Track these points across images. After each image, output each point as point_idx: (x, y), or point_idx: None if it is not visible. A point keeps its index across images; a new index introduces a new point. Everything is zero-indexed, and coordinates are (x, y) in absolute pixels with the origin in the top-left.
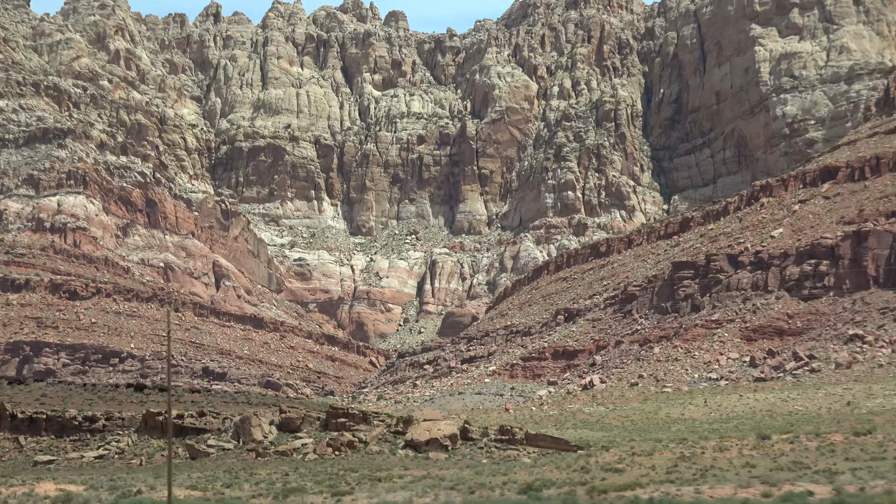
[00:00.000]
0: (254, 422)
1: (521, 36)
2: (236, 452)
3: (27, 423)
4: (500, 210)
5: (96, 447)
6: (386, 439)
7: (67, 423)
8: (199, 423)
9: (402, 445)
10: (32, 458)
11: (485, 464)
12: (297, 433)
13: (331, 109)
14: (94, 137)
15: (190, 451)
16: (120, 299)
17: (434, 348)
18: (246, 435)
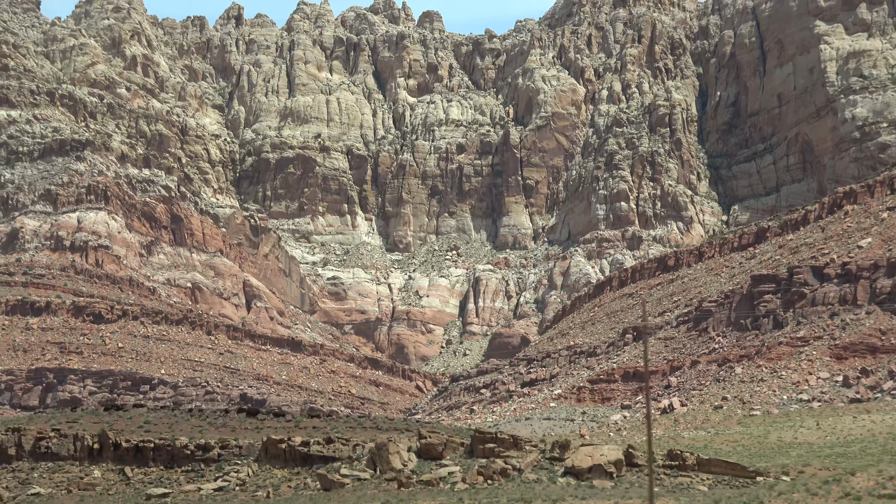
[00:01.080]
0: (391, 448)
1: (566, 36)
2: (375, 483)
3: (133, 453)
4: (546, 223)
5: (213, 478)
6: (542, 466)
7: (178, 452)
8: (328, 451)
9: (562, 473)
10: (143, 491)
11: (657, 493)
12: (440, 460)
13: (363, 117)
14: (115, 149)
15: (322, 482)
16: (148, 322)
17: (490, 371)
18: (383, 463)
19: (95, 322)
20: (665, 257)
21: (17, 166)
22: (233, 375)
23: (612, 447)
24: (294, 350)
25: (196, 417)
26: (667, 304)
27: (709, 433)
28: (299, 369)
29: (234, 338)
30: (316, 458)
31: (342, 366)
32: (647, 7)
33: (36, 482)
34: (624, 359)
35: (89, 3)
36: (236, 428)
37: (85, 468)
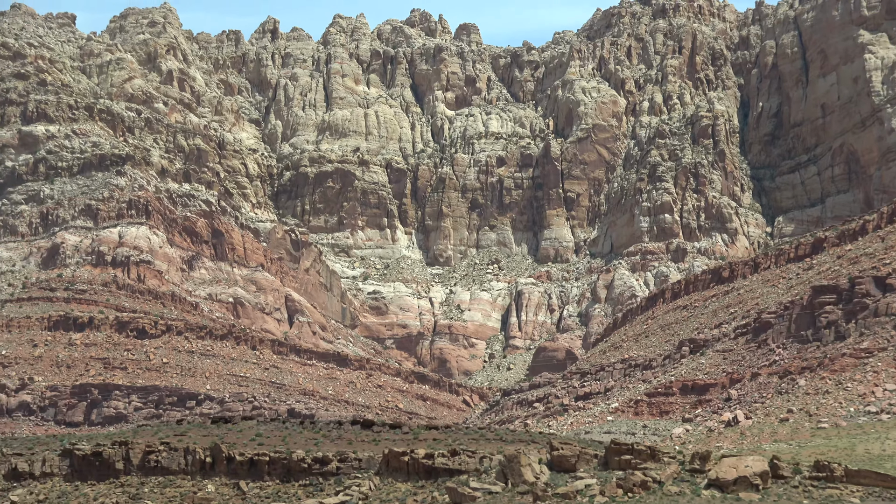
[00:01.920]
0: (523, 461)
1: (605, 48)
2: (508, 496)
3: (247, 467)
4: (588, 236)
5: (334, 492)
6: (682, 478)
7: (295, 466)
8: (453, 464)
9: (705, 485)
10: None
11: None
12: (574, 472)
13: (402, 131)
14: (155, 164)
15: (452, 496)
16: (192, 337)
17: (543, 384)
18: (515, 476)
19: (139, 337)
20: (719, 269)
21: (56, 181)
22: (279, 390)
23: (757, 458)
24: (340, 364)
25: (308, 430)
26: (723, 315)
27: (790, 445)
28: (345, 384)
29: (279, 353)
30: (441, 470)
31: (388, 380)
32: (688, 18)
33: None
34: (682, 371)
35: (124, 18)
36: (352, 440)
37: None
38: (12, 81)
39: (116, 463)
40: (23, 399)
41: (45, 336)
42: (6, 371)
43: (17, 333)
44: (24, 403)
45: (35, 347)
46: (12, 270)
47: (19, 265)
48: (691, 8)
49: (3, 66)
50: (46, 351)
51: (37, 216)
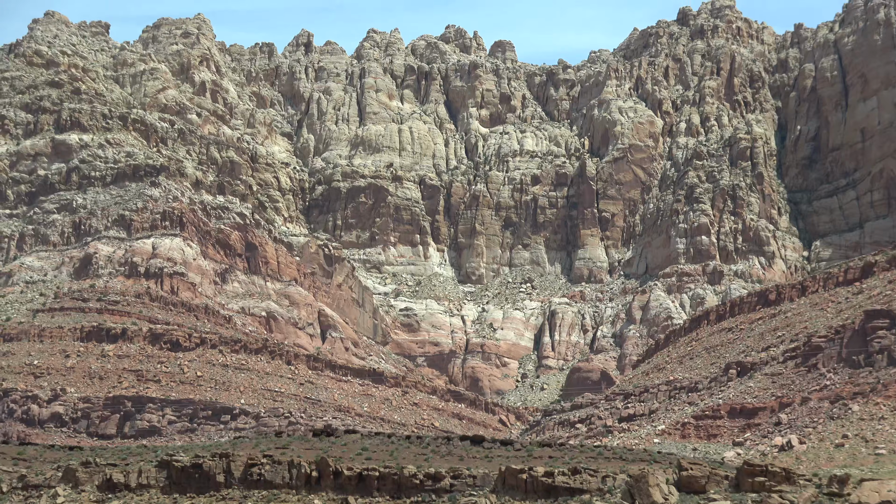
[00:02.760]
0: (651, 481)
1: (643, 68)
2: None
3: (355, 482)
4: (622, 256)
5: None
6: (820, 502)
7: (406, 482)
8: (575, 482)
9: None
10: None
11: None
12: (705, 494)
13: (435, 147)
14: (189, 175)
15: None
16: (227, 351)
17: (585, 405)
18: (643, 496)
19: (173, 350)
20: (765, 291)
21: (89, 191)
22: (314, 406)
23: None
24: (375, 381)
25: (416, 445)
26: (770, 338)
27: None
28: (381, 401)
29: (314, 368)
30: (561, 489)
31: (424, 398)
32: (726, 39)
33: None
34: (729, 394)
35: (157, 28)
36: (464, 456)
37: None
38: (46, 89)
39: (217, 475)
40: (55, 410)
41: (78, 347)
42: (38, 382)
43: (50, 344)
44: (56, 415)
45: (67, 358)
46: (44, 280)
47: (51, 275)
48: (730, 29)
49: (37, 73)
50: (79, 362)
51: (69, 226)
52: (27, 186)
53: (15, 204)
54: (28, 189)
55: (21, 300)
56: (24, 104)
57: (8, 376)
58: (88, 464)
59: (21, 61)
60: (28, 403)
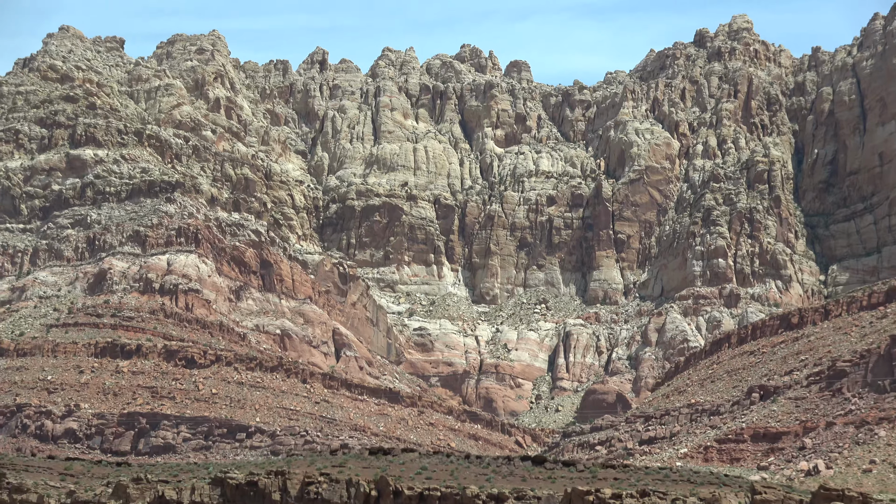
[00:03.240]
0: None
1: (660, 89)
2: None
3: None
4: (637, 278)
5: None
6: None
7: (468, 502)
8: None
9: None
10: None
11: None
12: None
13: (450, 166)
14: (205, 192)
15: None
16: (242, 368)
17: (605, 427)
18: None
19: (188, 367)
20: (788, 315)
21: (104, 206)
22: (330, 425)
23: None
24: (391, 401)
25: (476, 465)
26: (793, 362)
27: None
28: (397, 420)
29: (329, 386)
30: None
31: (441, 418)
32: (743, 62)
33: None
34: (753, 418)
35: (171, 44)
36: (526, 477)
37: None
38: (61, 104)
39: (273, 493)
40: (69, 426)
41: (92, 363)
42: (52, 397)
43: (63, 359)
44: (70, 430)
45: (81, 374)
46: (58, 295)
47: (65, 290)
48: (747, 52)
49: (52, 88)
50: (93, 378)
51: (83, 241)
52: (41, 201)
53: (28, 219)
54: (42, 204)
55: (35, 315)
56: (38, 119)
57: (22, 391)
58: (139, 480)
59: (35, 76)
60: (42, 419)
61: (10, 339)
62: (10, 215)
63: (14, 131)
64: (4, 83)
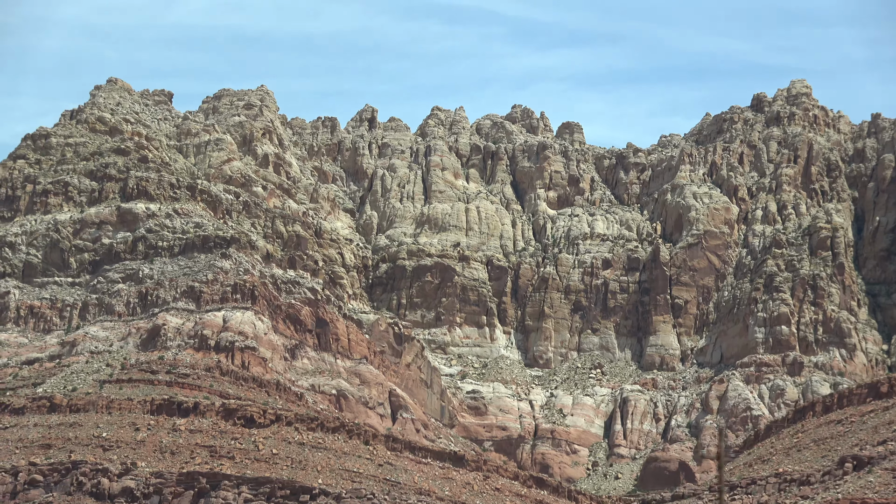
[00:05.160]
0: None
1: (717, 153)
2: None
3: None
4: (695, 344)
5: None
6: None
7: None
8: None
9: None
10: None
11: None
12: None
13: (503, 227)
14: (260, 248)
15: None
16: (302, 428)
17: (688, 496)
18: None
19: (246, 426)
20: (877, 383)
21: (156, 261)
22: (395, 488)
23: None
24: (456, 464)
25: None
26: (885, 432)
27: None
28: (462, 485)
29: (392, 449)
30: None
31: (507, 483)
32: (803, 127)
33: None
34: (848, 489)
35: (217, 99)
36: None
37: None
38: (111, 157)
39: None
40: (126, 485)
41: (148, 420)
42: (107, 454)
43: (118, 416)
44: (127, 489)
45: (137, 431)
46: (109, 351)
47: (117, 345)
48: (806, 117)
49: (101, 140)
50: (149, 435)
51: (135, 296)
52: (91, 255)
53: (78, 272)
54: (91, 258)
55: (87, 370)
56: (88, 171)
57: (76, 448)
58: None
59: (84, 128)
60: (98, 477)
61: (62, 394)
62: (58, 269)
63: (63, 184)
64: (53, 135)
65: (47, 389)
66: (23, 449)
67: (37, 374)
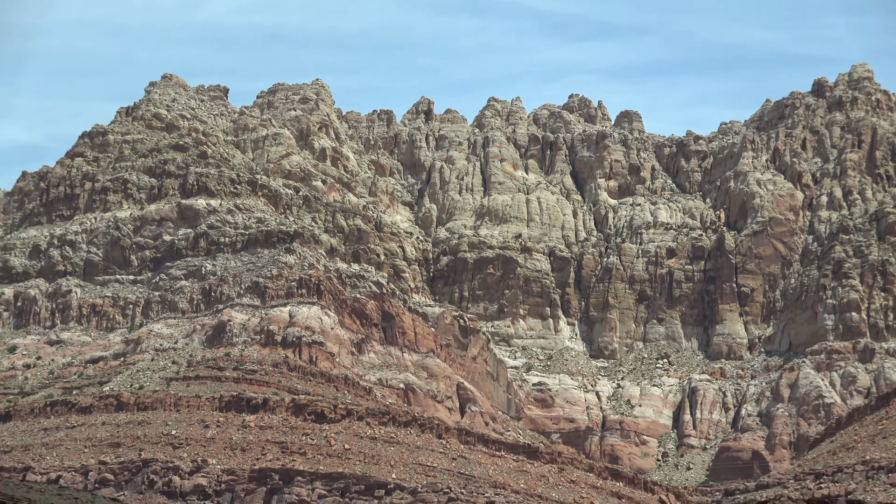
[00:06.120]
0: None
1: (780, 139)
2: None
3: None
4: (762, 333)
5: None
6: None
7: None
8: None
9: None
10: None
11: None
12: None
13: (564, 218)
14: (324, 243)
15: None
16: (374, 423)
17: (772, 485)
18: None
19: (317, 421)
20: None
21: (218, 257)
22: (469, 482)
23: None
24: (530, 457)
25: None
26: None
27: None
28: (537, 478)
29: (465, 442)
30: None
31: (582, 476)
32: (866, 111)
33: None
34: None
35: (272, 93)
36: None
37: None
38: (170, 153)
39: None
40: (198, 482)
41: (217, 417)
42: (177, 452)
43: (187, 413)
44: (198, 487)
45: (207, 428)
46: (174, 348)
47: (181, 342)
48: (868, 102)
49: (159, 137)
50: (219, 433)
51: (198, 292)
52: (152, 252)
53: (139, 270)
54: (153, 255)
55: (153, 368)
56: (147, 168)
57: (146, 446)
58: None
59: (140, 124)
60: (169, 475)
61: (129, 392)
62: (119, 266)
63: (122, 181)
64: (110, 132)
65: (114, 388)
66: (91, 448)
67: (102, 373)
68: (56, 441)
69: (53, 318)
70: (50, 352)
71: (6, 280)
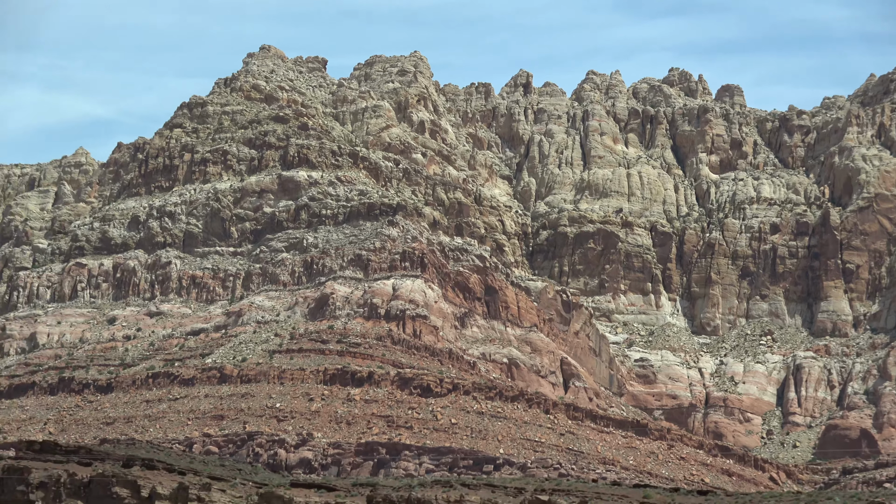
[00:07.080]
0: None
1: (886, 114)
2: None
3: None
4: (868, 310)
5: None
6: None
7: None
8: None
9: None
10: None
11: None
12: None
13: (665, 193)
14: (427, 215)
15: None
16: (480, 398)
17: (892, 464)
18: None
19: (423, 395)
20: None
21: (320, 230)
22: (579, 458)
23: None
24: (639, 434)
25: None
26: None
27: None
28: (646, 454)
29: (574, 418)
30: None
31: (692, 452)
32: None
33: None
34: None
35: (370, 66)
36: None
37: None
38: (270, 124)
39: None
40: (304, 455)
41: (322, 390)
42: (282, 425)
43: (291, 386)
44: (304, 460)
45: (311, 402)
46: (276, 320)
47: (283, 315)
48: None
49: (259, 108)
50: (324, 406)
51: (300, 265)
52: (252, 224)
53: (239, 242)
54: (253, 227)
55: (255, 340)
56: (247, 139)
57: (250, 419)
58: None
59: (239, 95)
60: (275, 447)
61: (232, 364)
62: (219, 238)
63: (222, 152)
64: (209, 103)
65: (216, 360)
66: (195, 420)
67: (203, 345)
68: (159, 413)
69: (153, 289)
70: (150, 323)
71: (105, 251)
